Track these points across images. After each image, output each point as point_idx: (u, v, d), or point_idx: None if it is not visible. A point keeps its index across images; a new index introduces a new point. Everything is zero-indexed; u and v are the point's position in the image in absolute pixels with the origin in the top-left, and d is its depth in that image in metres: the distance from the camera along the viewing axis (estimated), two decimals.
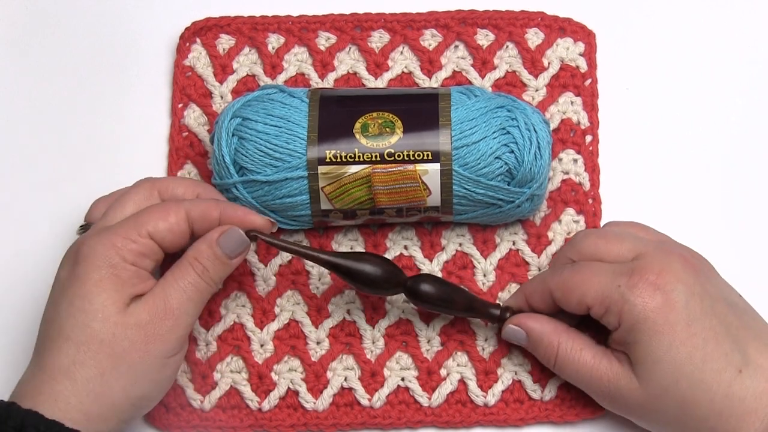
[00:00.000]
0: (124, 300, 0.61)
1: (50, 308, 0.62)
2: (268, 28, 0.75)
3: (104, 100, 0.75)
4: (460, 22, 0.75)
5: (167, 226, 0.63)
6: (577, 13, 0.75)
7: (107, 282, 0.60)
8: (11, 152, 0.74)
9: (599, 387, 0.64)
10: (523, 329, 0.66)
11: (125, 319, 0.60)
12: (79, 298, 0.60)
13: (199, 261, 0.63)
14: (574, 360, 0.65)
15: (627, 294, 0.62)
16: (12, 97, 0.76)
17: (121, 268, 0.61)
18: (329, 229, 0.71)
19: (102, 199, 0.67)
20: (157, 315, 0.61)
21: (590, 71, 0.74)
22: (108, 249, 0.61)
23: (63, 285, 0.61)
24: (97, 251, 0.61)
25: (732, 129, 0.74)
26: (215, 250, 0.63)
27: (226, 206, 0.64)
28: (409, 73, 0.74)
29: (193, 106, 0.74)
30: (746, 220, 0.72)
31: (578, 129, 0.73)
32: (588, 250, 0.66)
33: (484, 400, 0.68)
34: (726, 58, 0.75)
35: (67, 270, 0.62)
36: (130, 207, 0.64)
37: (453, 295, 0.66)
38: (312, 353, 0.69)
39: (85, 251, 0.61)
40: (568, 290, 0.64)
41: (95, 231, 0.63)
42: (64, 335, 0.60)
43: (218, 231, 0.64)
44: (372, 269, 0.64)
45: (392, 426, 0.68)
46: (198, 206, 0.64)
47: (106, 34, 0.77)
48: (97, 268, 0.61)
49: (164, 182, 0.66)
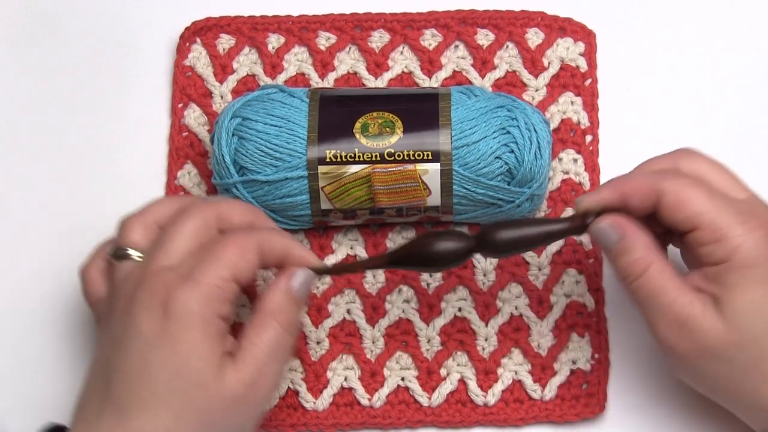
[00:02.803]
0: (218, 363, 0.57)
1: (135, 360, 0.57)
2: (268, 28, 0.75)
3: (104, 100, 0.75)
4: (460, 21, 0.75)
5: (248, 266, 0.59)
6: (577, 13, 0.75)
7: (202, 344, 0.57)
8: (11, 152, 0.74)
9: (676, 320, 0.59)
10: (619, 232, 0.60)
11: (222, 392, 0.57)
12: (174, 362, 0.56)
13: (283, 313, 0.60)
14: (661, 285, 0.59)
15: (746, 235, 0.58)
16: (12, 97, 0.76)
17: (213, 324, 0.57)
18: (329, 229, 0.71)
19: (136, 220, 0.62)
20: (252, 387, 0.58)
21: (590, 71, 0.74)
22: (201, 305, 0.57)
23: (151, 340, 0.56)
24: (190, 308, 0.57)
25: (732, 129, 0.74)
26: (293, 296, 0.61)
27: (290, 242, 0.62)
28: (409, 73, 0.74)
29: (193, 106, 0.74)
30: None
31: (578, 129, 0.73)
32: (700, 170, 0.61)
33: (484, 399, 0.68)
34: (726, 57, 0.75)
35: (156, 323, 0.57)
36: (189, 240, 0.60)
37: (527, 233, 0.61)
38: (312, 353, 0.69)
39: (176, 307, 0.57)
40: (684, 201, 0.59)
41: (178, 277, 0.58)
42: (160, 400, 0.56)
43: (289, 277, 0.61)
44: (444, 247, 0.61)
45: (392, 426, 0.68)
46: (268, 241, 0.60)
47: (106, 34, 0.77)
48: (191, 327, 0.57)
49: (219, 209, 0.62)
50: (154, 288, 0.58)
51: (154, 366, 0.56)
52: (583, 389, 0.68)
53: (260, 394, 0.59)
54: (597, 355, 0.69)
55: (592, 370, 0.69)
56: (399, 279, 0.70)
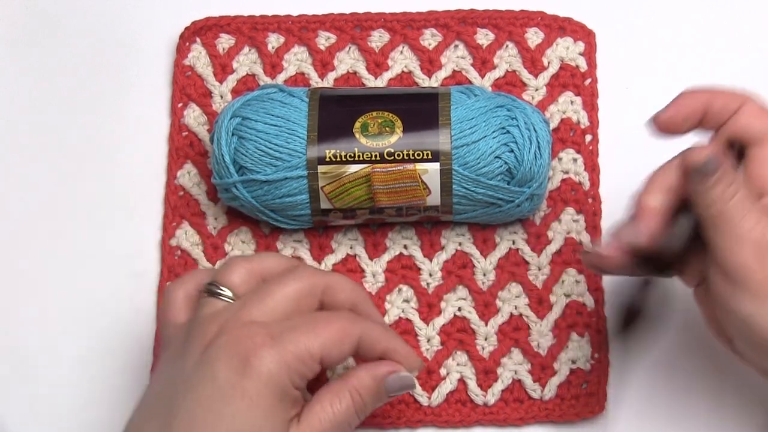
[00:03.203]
0: (285, 428, 0.56)
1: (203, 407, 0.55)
2: (268, 27, 0.75)
3: (104, 100, 0.75)
4: (459, 21, 0.75)
5: (340, 353, 0.57)
6: (577, 13, 0.75)
7: (274, 408, 0.55)
8: (11, 152, 0.74)
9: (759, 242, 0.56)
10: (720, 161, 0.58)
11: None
12: (243, 420, 0.54)
13: (362, 396, 0.58)
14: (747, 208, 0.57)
15: None
16: (12, 97, 0.76)
17: (289, 392, 0.56)
18: (329, 229, 0.71)
19: (242, 263, 0.60)
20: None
21: (590, 71, 0.74)
22: (282, 371, 0.55)
23: (224, 391, 0.55)
24: (271, 371, 0.55)
25: None
26: (381, 387, 0.59)
27: (394, 342, 0.61)
28: (409, 73, 0.74)
29: (193, 105, 0.74)
30: None
31: (578, 128, 0.73)
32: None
33: (484, 399, 0.68)
34: (726, 57, 0.75)
35: (233, 376, 0.55)
36: (289, 302, 0.58)
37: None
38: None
39: (258, 365, 0.55)
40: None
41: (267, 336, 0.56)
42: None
43: (389, 368, 0.59)
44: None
45: (392, 425, 0.68)
46: (371, 335, 0.59)
47: (106, 34, 0.77)
48: (268, 390, 0.55)
49: (328, 280, 0.60)
50: (240, 339, 0.56)
51: (223, 419, 0.54)
52: (582, 389, 0.68)
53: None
54: (597, 354, 0.69)
55: (592, 369, 0.69)
56: (399, 279, 0.70)
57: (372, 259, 0.71)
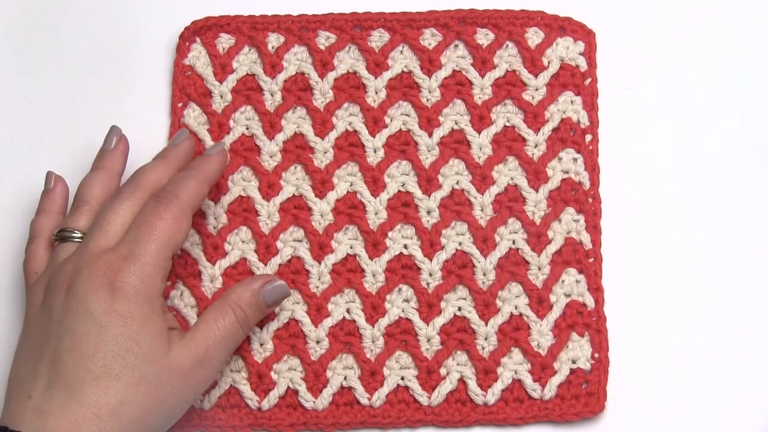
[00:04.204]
0: (166, 338, 0.62)
1: (86, 340, 0.60)
2: (268, 27, 0.75)
3: (104, 99, 0.75)
4: (459, 21, 0.75)
5: (184, 234, 0.64)
6: (577, 13, 0.75)
7: (150, 321, 0.61)
8: (11, 152, 0.74)
9: None
10: None
11: (170, 365, 0.61)
12: (125, 338, 0.60)
13: (242, 308, 0.65)
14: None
15: None
16: (12, 97, 0.76)
17: (157, 301, 0.62)
18: (329, 228, 0.71)
19: (84, 207, 0.67)
20: (198, 364, 0.62)
21: (590, 70, 0.74)
22: (147, 284, 0.61)
23: (100, 319, 0.60)
24: (137, 288, 0.61)
25: (732, 128, 0.74)
26: (258, 299, 0.65)
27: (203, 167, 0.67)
28: (409, 73, 0.74)
29: (193, 105, 0.74)
30: (746, 218, 0.72)
31: (578, 128, 0.73)
32: None
33: (484, 399, 0.68)
34: (726, 57, 0.75)
35: (104, 304, 0.60)
36: (125, 218, 0.64)
37: None
38: (311, 352, 0.69)
39: (123, 286, 0.61)
40: None
41: (121, 258, 0.62)
42: (113, 375, 0.59)
43: (263, 280, 0.66)
44: None
45: (392, 425, 0.68)
46: (197, 197, 0.65)
47: (106, 34, 0.77)
48: (139, 306, 0.61)
49: (149, 180, 0.66)
50: (99, 270, 0.61)
51: (107, 344, 0.59)
52: (582, 388, 0.68)
53: (204, 374, 0.63)
54: (597, 354, 0.69)
55: (592, 369, 0.69)
56: (399, 278, 0.70)
57: (372, 259, 0.71)
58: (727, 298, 0.70)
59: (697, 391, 0.69)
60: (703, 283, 0.70)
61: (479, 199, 0.71)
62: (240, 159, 0.73)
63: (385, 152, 0.73)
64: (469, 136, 0.73)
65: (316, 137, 0.73)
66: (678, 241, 0.71)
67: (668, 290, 0.71)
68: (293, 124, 0.73)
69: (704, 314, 0.70)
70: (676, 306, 0.70)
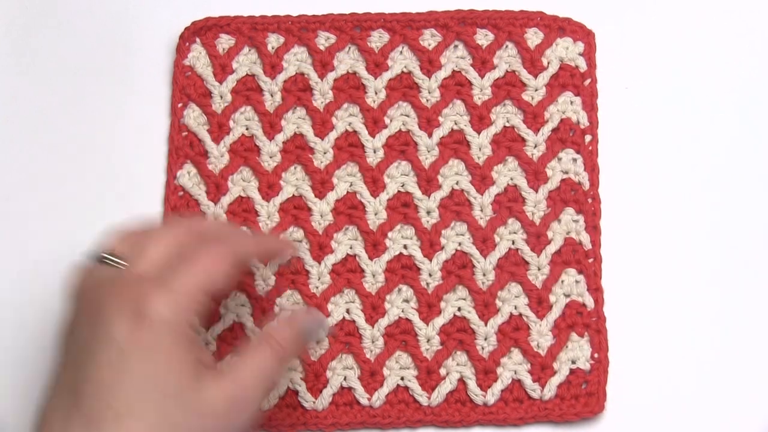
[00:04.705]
0: (194, 373, 0.55)
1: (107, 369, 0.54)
2: (268, 27, 0.75)
3: (104, 100, 0.75)
4: (459, 21, 0.75)
5: (223, 276, 0.58)
6: (577, 13, 0.75)
7: (177, 355, 0.55)
8: (11, 152, 0.74)
9: None
10: None
11: (200, 407, 0.55)
12: (149, 371, 0.54)
13: (282, 347, 0.59)
14: None
15: None
16: (12, 97, 0.76)
17: (185, 333, 0.56)
18: (329, 229, 0.71)
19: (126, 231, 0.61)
20: (234, 406, 0.56)
21: (590, 71, 0.74)
22: (175, 313, 0.55)
23: (124, 348, 0.54)
24: (164, 316, 0.55)
25: (732, 127, 0.74)
26: (300, 337, 0.61)
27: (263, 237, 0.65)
28: (409, 73, 0.74)
29: (193, 105, 0.74)
30: (746, 218, 0.72)
31: (577, 128, 0.73)
32: None
33: (484, 399, 0.68)
34: (725, 57, 0.75)
35: (128, 331, 0.54)
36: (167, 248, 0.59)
37: None
38: (311, 352, 0.69)
39: (150, 314, 0.55)
40: None
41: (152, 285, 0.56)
42: (135, 414, 0.53)
43: (306, 319, 0.62)
44: None
45: (391, 425, 0.68)
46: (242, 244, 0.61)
47: (106, 34, 0.77)
48: (164, 336, 0.55)
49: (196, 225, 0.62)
50: (128, 294, 0.56)
51: (128, 376, 0.54)
52: (582, 389, 0.68)
53: (239, 415, 0.57)
54: (596, 354, 0.69)
55: (592, 369, 0.69)
56: (398, 279, 0.70)
57: (372, 259, 0.71)
58: (727, 298, 0.70)
59: (697, 392, 0.69)
60: (702, 283, 0.71)
61: (479, 200, 0.71)
62: (240, 159, 0.73)
63: (385, 153, 0.73)
64: (469, 136, 0.73)
65: (315, 138, 0.73)
66: (678, 242, 0.71)
67: (668, 290, 0.71)
68: (293, 125, 0.73)
69: (704, 314, 0.70)
70: (675, 306, 0.70)
